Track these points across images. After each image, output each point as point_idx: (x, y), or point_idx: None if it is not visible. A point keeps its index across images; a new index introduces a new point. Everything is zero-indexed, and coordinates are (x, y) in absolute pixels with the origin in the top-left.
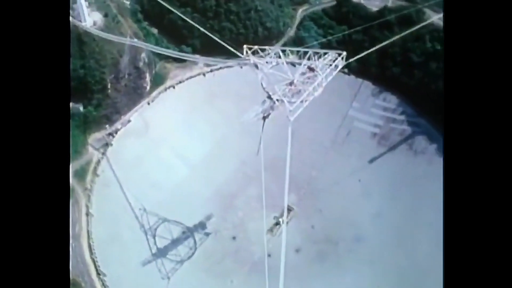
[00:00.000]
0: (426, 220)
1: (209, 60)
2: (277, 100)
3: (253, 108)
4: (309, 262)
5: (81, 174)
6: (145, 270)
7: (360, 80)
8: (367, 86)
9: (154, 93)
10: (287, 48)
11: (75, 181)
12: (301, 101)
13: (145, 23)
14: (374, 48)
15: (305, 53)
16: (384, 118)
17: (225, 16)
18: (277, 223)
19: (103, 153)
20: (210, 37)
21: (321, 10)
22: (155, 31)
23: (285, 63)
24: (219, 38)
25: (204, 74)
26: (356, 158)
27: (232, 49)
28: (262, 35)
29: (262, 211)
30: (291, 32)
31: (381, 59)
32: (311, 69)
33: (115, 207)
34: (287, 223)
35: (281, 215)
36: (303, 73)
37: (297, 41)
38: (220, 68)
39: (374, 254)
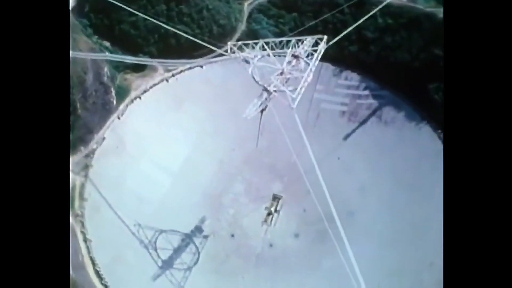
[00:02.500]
0: (411, 183)
1: (204, 61)
2: (274, 91)
3: (252, 102)
4: (311, 244)
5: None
6: (157, 284)
7: (319, 62)
8: (327, 68)
9: (122, 107)
10: (270, 40)
11: None
12: (300, 88)
13: (95, 37)
14: (349, 29)
15: (288, 42)
16: (349, 96)
17: (178, 19)
18: (269, 213)
19: (86, 176)
20: (166, 42)
21: (267, 1)
22: (107, 44)
23: (271, 54)
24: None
25: (167, 80)
26: (331, 138)
27: (214, 48)
28: (217, 33)
29: (251, 205)
30: (242, 27)
31: (336, 40)
32: (295, 56)
33: (110, 228)
34: (279, 211)
35: (271, 205)
36: (289, 62)
37: (250, 35)
38: (181, 71)
39: (370, 224)
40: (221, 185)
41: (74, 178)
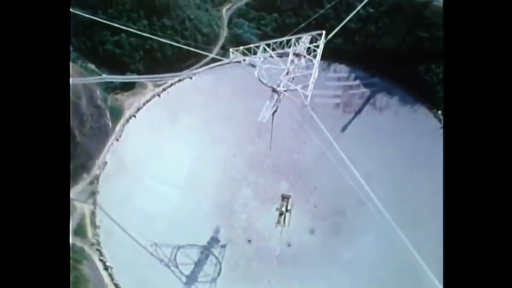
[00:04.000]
0: (414, 163)
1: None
2: (285, 90)
3: (265, 104)
4: (327, 238)
5: (81, 231)
6: None
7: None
8: None
9: (118, 128)
10: (271, 41)
11: (79, 240)
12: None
13: (79, 61)
14: (338, 27)
15: (288, 41)
16: (341, 88)
17: (161, 32)
18: (281, 214)
19: (94, 203)
20: (153, 57)
21: (244, 5)
22: (92, 66)
23: (273, 55)
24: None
25: (158, 95)
26: (329, 131)
27: (216, 56)
28: (202, 42)
29: (261, 208)
30: (225, 33)
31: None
32: (297, 55)
33: (128, 252)
34: (290, 210)
35: (282, 206)
36: (292, 61)
37: (233, 40)
38: (172, 84)
39: (380, 212)
40: (228, 192)
41: (82, 207)
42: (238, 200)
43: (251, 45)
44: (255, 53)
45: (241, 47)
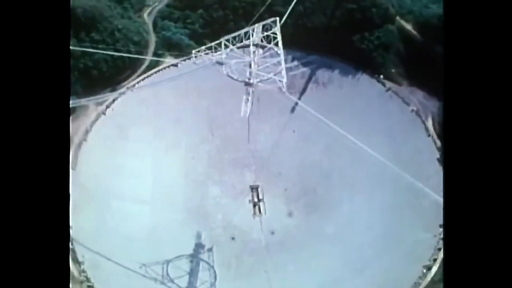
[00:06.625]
0: (369, 129)
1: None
2: (258, 82)
3: (243, 100)
4: (306, 217)
5: None
6: None
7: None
8: None
9: (71, 154)
10: (230, 36)
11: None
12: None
13: None
14: (289, 10)
15: (245, 33)
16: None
17: (92, 48)
18: (255, 204)
19: (70, 239)
20: (88, 75)
21: (165, 6)
22: None
23: (235, 49)
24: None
25: (103, 113)
26: (278, 115)
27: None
28: (135, 51)
29: (233, 203)
30: (154, 38)
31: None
32: (256, 45)
33: (120, 279)
34: (262, 199)
35: (253, 197)
36: (254, 52)
37: (164, 44)
38: (114, 100)
39: (349, 180)
40: (197, 195)
41: None
42: (210, 201)
43: (212, 44)
44: (216, 50)
45: (203, 47)
